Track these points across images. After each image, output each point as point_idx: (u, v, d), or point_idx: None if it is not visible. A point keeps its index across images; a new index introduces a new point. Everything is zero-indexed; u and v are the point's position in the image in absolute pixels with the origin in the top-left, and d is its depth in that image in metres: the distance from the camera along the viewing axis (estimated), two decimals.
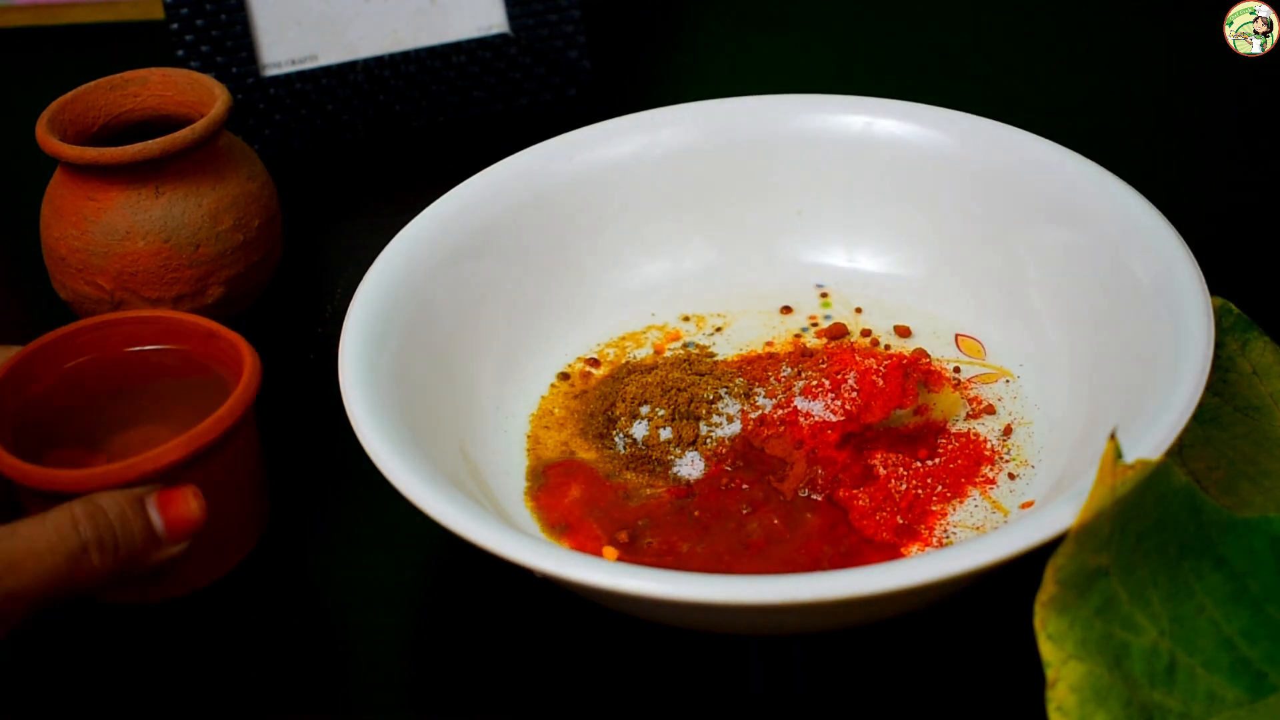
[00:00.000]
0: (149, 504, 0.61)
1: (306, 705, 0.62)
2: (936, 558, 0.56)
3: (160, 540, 0.61)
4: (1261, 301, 0.71)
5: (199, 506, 0.62)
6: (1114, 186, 0.70)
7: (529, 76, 0.94)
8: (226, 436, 0.63)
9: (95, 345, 0.68)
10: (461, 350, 0.71)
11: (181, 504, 0.61)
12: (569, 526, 0.66)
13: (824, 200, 0.77)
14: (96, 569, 0.59)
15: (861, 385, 0.69)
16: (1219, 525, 0.57)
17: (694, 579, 0.56)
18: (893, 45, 1.01)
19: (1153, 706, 0.54)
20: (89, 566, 0.59)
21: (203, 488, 0.62)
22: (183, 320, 0.68)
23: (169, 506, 0.61)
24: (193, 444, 0.62)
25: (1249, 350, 0.68)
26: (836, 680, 0.61)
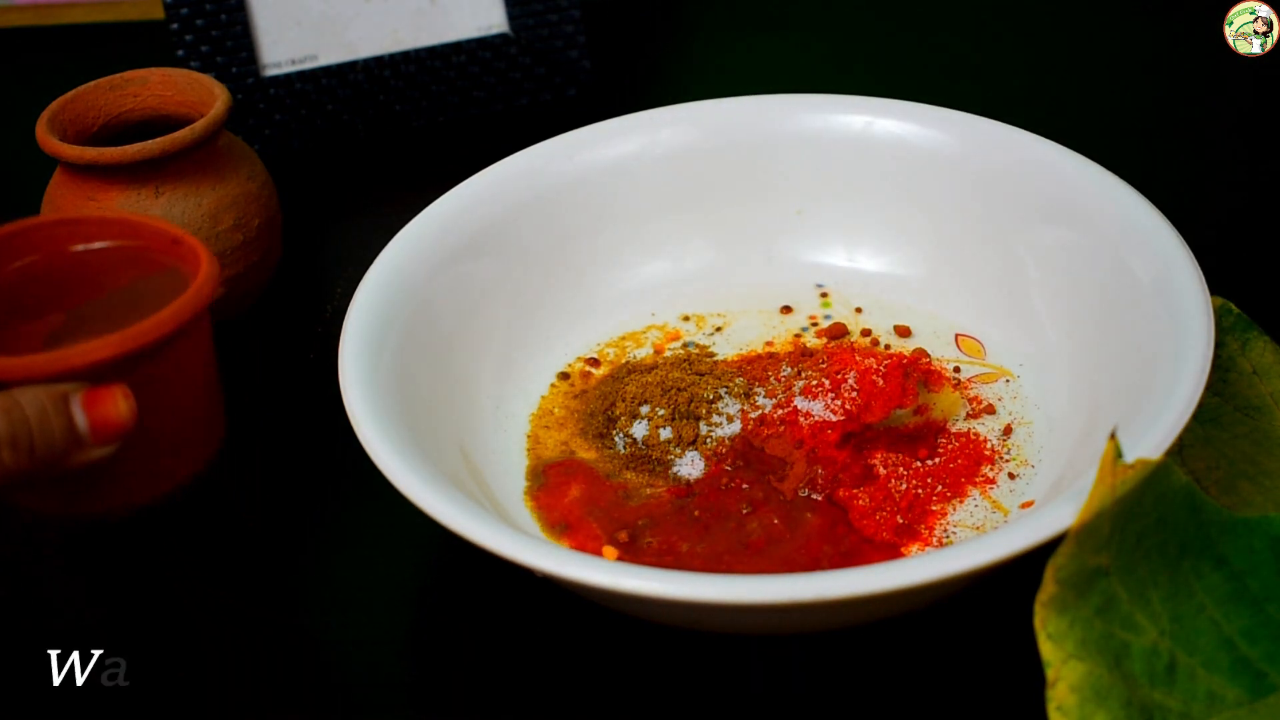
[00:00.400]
0: (73, 402, 0.58)
1: (306, 705, 0.62)
2: (936, 558, 0.56)
3: (83, 441, 0.58)
4: (1261, 301, 0.71)
5: (128, 408, 0.58)
6: (1114, 186, 0.70)
7: (529, 76, 0.94)
8: (167, 340, 0.60)
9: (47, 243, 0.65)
10: (461, 350, 0.71)
11: (109, 404, 0.58)
12: (569, 526, 0.66)
13: (824, 200, 0.77)
14: (8, 467, 0.56)
15: (861, 385, 0.69)
16: (1219, 525, 0.57)
17: (694, 579, 0.56)
18: (893, 45, 1.01)
19: (1153, 706, 0.54)
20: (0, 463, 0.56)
21: (142, 393, 0.59)
22: (145, 223, 0.65)
23: (95, 405, 0.58)
24: (126, 343, 0.59)
25: (1249, 350, 0.68)
26: (836, 680, 0.61)
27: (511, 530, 0.58)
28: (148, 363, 0.59)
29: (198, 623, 0.65)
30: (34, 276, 0.65)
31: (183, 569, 0.68)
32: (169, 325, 0.60)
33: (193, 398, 0.63)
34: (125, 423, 0.58)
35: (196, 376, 0.63)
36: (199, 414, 0.64)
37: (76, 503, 0.62)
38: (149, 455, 0.61)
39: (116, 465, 0.60)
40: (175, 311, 0.60)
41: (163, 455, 0.62)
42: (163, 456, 0.62)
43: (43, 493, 0.61)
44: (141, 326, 0.59)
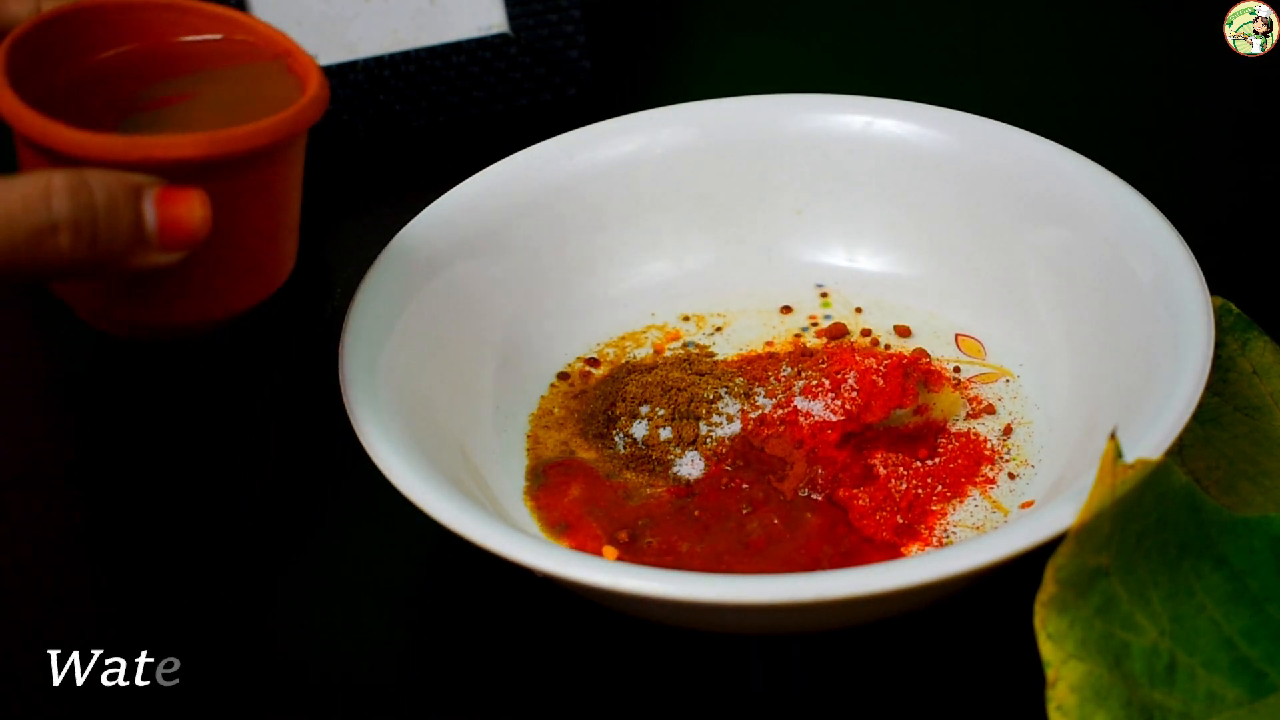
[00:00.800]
0: (146, 197, 0.53)
1: (306, 705, 0.62)
2: (936, 558, 0.56)
3: (148, 241, 0.53)
4: (1261, 301, 0.71)
5: (203, 217, 0.53)
6: (1114, 186, 0.70)
7: (529, 76, 0.94)
8: (259, 152, 0.55)
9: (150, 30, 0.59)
10: (461, 350, 0.71)
11: (183, 206, 0.53)
12: (569, 526, 0.66)
13: (824, 200, 0.77)
14: (64, 253, 0.52)
15: (861, 385, 0.69)
16: (1219, 525, 0.57)
17: (694, 579, 0.56)
18: (893, 45, 1.01)
19: (1153, 706, 0.54)
20: (54, 249, 0.51)
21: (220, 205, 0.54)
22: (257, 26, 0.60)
23: (168, 204, 0.53)
24: (216, 145, 0.54)
25: (1249, 350, 0.68)
26: (836, 680, 0.61)
27: (511, 530, 0.58)
28: (232, 172, 0.55)
29: (197, 622, 0.65)
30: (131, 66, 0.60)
31: (182, 568, 0.68)
32: (263, 138, 0.55)
33: (273, 222, 0.58)
34: (196, 230, 0.53)
35: (280, 200, 0.58)
36: (274, 240, 0.59)
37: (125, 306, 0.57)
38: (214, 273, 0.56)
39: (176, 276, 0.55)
40: (273, 124, 0.55)
41: (228, 276, 0.57)
42: (228, 277, 0.57)
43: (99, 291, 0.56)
44: (234, 131, 0.54)
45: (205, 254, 0.55)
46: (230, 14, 0.60)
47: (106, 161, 0.53)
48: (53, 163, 0.53)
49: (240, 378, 0.77)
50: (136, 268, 0.53)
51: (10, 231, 0.50)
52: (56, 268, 0.52)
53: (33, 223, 0.51)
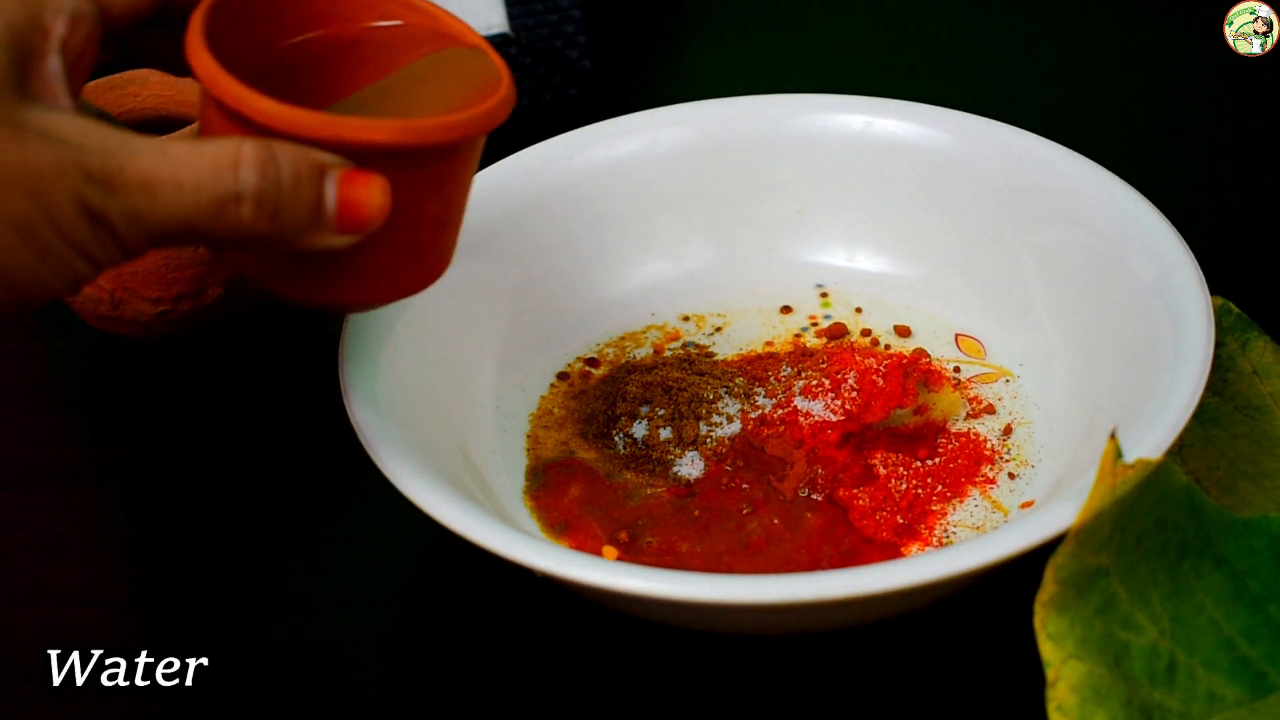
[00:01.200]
0: (330, 178, 0.52)
1: (306, 704, 0.62)
2: (936, 558, 0.56)
3: (325, 222, 0.53)
4: (1261, 301, 0.71)
5: (382, 204, 0.53)
6: (1114, 186, 0.70)
7: (529, 76, 0.94)
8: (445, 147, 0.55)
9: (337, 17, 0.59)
10: (461, 350, 0.71)
11: (365, 191, 0.53)
12: (569, 526, 0.66)
13: (824, 200, 0.77)
14: (245, 224, 0.51)
15: (861, 385, 0.69)
16: (1219, 525, 0.57)
17: (694, 579, 0.56)
18: (893, 45, 1.01)
19: (1153, 706, 0.54)
20: (235, 218, 0.51)
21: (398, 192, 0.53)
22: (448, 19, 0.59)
23: (350, 188, 0.53)
24: (406, 134, 0.53)
25: (1249, 350, 0.68)
26: (836, 680, 0.61)
27: (511, 530, 0.58)
28: (416, 163, 0.54)
29: (197, 622, 0.65)
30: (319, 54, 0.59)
31: (183, 568, 0.68)
32: (453, 132, 0.54)
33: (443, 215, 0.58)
34: (374, 217, 0.53)
35: (453, 195, 0.58)
36: (441, 234, 0.58)
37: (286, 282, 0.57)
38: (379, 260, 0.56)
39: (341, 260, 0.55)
40: (464, 120, 0.55)
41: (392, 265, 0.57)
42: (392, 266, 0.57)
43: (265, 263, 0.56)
44: (426, 122, 0.54)
45: (374, 241, 0.54)
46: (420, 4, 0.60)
47: (296, 136, 0.52)
48: (240, 130, 0.53)
49: (241, 378, 0.77)
50: (308, 247, 0.53)
51: (196, 196, 0.50)
52: (233, 237, 0.51)
53: (219, 190, 0.50)
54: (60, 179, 0.48)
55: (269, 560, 0.68)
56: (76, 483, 0.72)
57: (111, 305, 0.74)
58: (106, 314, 0.75)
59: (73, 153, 0.49)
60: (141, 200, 0.49)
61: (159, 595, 0.67)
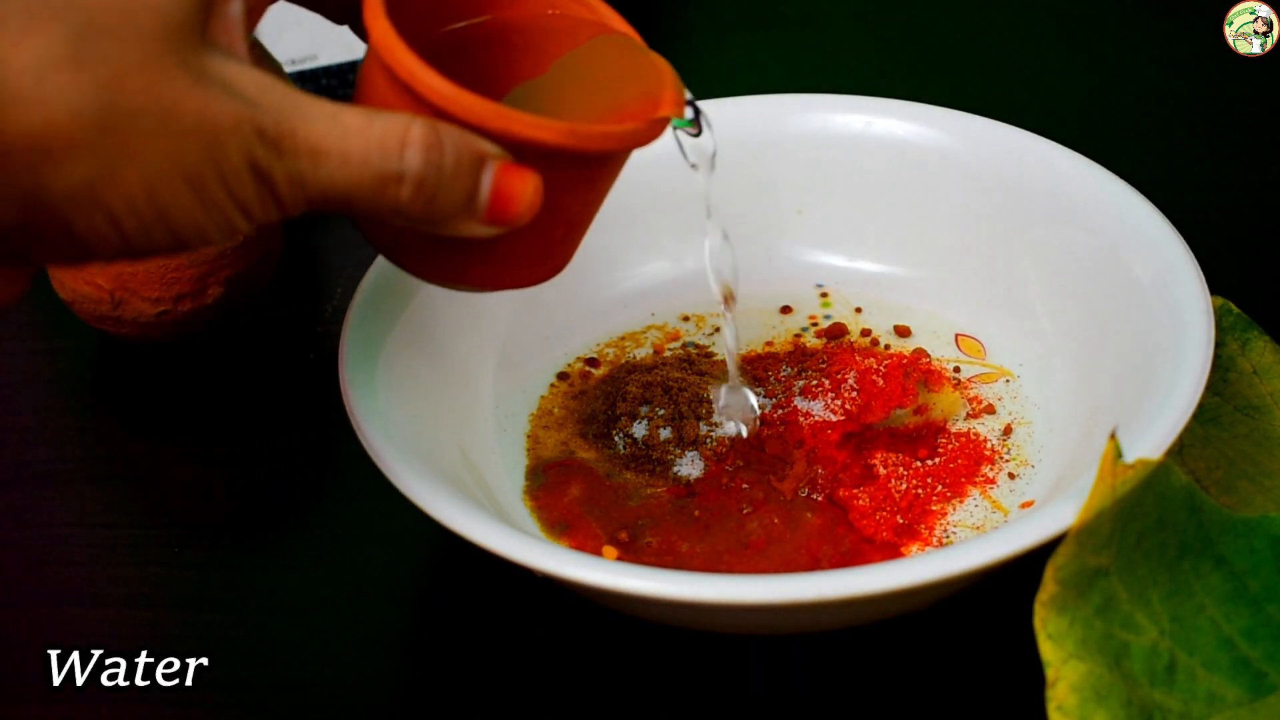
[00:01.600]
0: (488, 168, 0.52)
1: (306, 704, 0.62)
2: (936, 558, 0.56)
3: (475, 212, 0.53)
4: (1261, 301, 0.71)
5: (532, 202, 0.53)
6: (1114, 186, 0.70)
7: None
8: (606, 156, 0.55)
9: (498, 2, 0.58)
10: (461, 350, 0.71)
11: (519, 186, 0.52)
12: (569, 526, 0.66)
13: (824, 200, 0.77)
14: (400, 204, 0.51)
15: (861, 385, 0.69)
16: (1219, 525, 0.57)
17: (694, 579, 0.56)
18: (893, 45, 1.01)
19: (1153, 706, 0.54)
20: (394, 197, 0.51)
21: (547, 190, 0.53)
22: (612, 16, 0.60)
23: (506, 181, 0.52)
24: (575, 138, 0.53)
25: (1249, 350, 0.68)
26: (836, 680, 0.61)
27: (511, 530, 0.58)
28: (570, 165, 0.54)
29: (197, 622, 0.65)
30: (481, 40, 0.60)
31: (183, 568, 0.68)
32: (615, 142, 0.55)
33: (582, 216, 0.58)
34: (524, 213, 0.53)
35: (595, 198, 0.58)
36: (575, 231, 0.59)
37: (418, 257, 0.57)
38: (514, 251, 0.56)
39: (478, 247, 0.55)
40: (626, 133, 0.55)
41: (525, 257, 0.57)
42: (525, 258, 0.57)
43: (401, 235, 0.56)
44: (594, 129, 0.54)
45: (516, 233, 0.54)
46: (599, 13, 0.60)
47: (464, 121, 0.52)
48: (406, 103, 0.52)
49: (241, 378, 0.77)
50: (454, 233, 0.53)
51: (361, 170, 0.50)
52: (388, 214, 0.51)
53: (384, 168, 0.50)
54: (235, 134, 0.48)
55: (269, 560, 0.68)
56: (76, 483, 0.72)
57: (111, 305, 0.74)
58: (106, 314, 0.75)
59: (250, 109, 0.48)
60: (308, 166, 0.49)
61: (159, 595, 0.67)
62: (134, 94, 0.47)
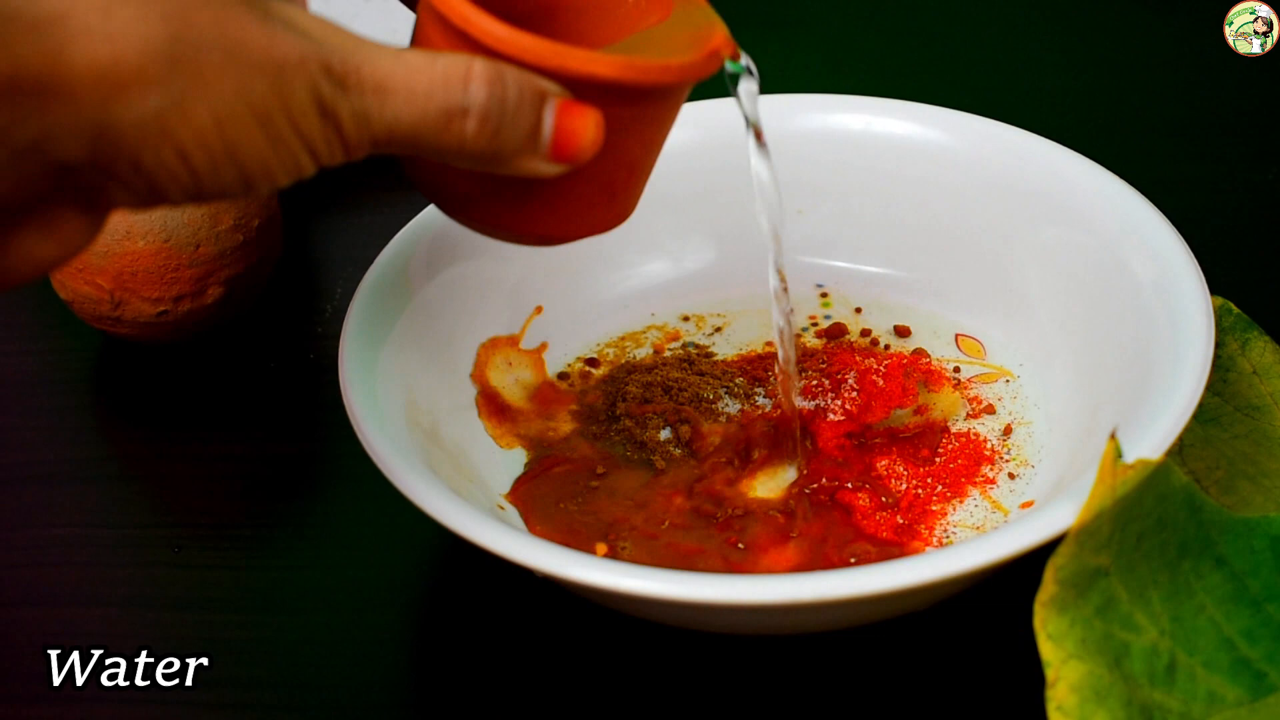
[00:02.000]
0: (549, 104, 0.53)
1: (306, 705, 0.62)
2: (936, 558, 0.56)
3: (540, 148, 0.53)
4: (1261, 301, 0.71)
5: (595, 137, 0.54)
6: (1114, 186, 0.70)
7: None
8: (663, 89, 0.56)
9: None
10: (461, 350, 0.71)
11: (581, 122, 0.53)
12: (563, 525, 0.66)
13: (824, 200, 0.77)
14: (466, 139, 0.51)
15: (861, 385, 0.69)
16: (1219, 525, 0.57)
17: (694, 579, 0.56)
18: (892, 45, 1.01)
19: (1153, 706, 0.54)
20: (459, 132, 0.51)
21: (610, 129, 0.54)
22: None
23: (568, 117, 0.53)
24: (627, 70, 0.54)
25: (1249, 350, 0.68)
26: (836, 680, 0.61)
27: (511, 530, 0.58)
28: (630, 102, 0.55)
29: (197, 622, 0.65)
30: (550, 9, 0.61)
31: (183, 568, 0.68)
32: (671, 75, 0.55)
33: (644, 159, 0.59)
34: (586, 149, 0.54)
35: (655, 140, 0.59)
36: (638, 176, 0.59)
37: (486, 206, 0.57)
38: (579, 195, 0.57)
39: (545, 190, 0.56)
40: (682, 65, 0.56)
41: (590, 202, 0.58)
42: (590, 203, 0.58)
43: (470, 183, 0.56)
44: (648, 62, 0.55)
45: (577, 175, 0.55)
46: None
47: (521, 61, 0.53)
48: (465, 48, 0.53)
49: (241, 378, 0.77)
50: (519, 171, 0.54)
51: (426, 104, 0.50)
52: (453, 151, 0.52)
53: (449, 102, 0.51)
54: (301, 70, 0.48)
55: (269, 560, 0.68)
56: (76, 483, 0.72)
57: (111, 305, 0.74)
58: (106, 314, 0.75)
59: (315, 47, 0.49)
60: (374, 102, 0.49)
61: (159, 595, 0.67)
62: (201, 27, 0.47)
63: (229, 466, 0.72)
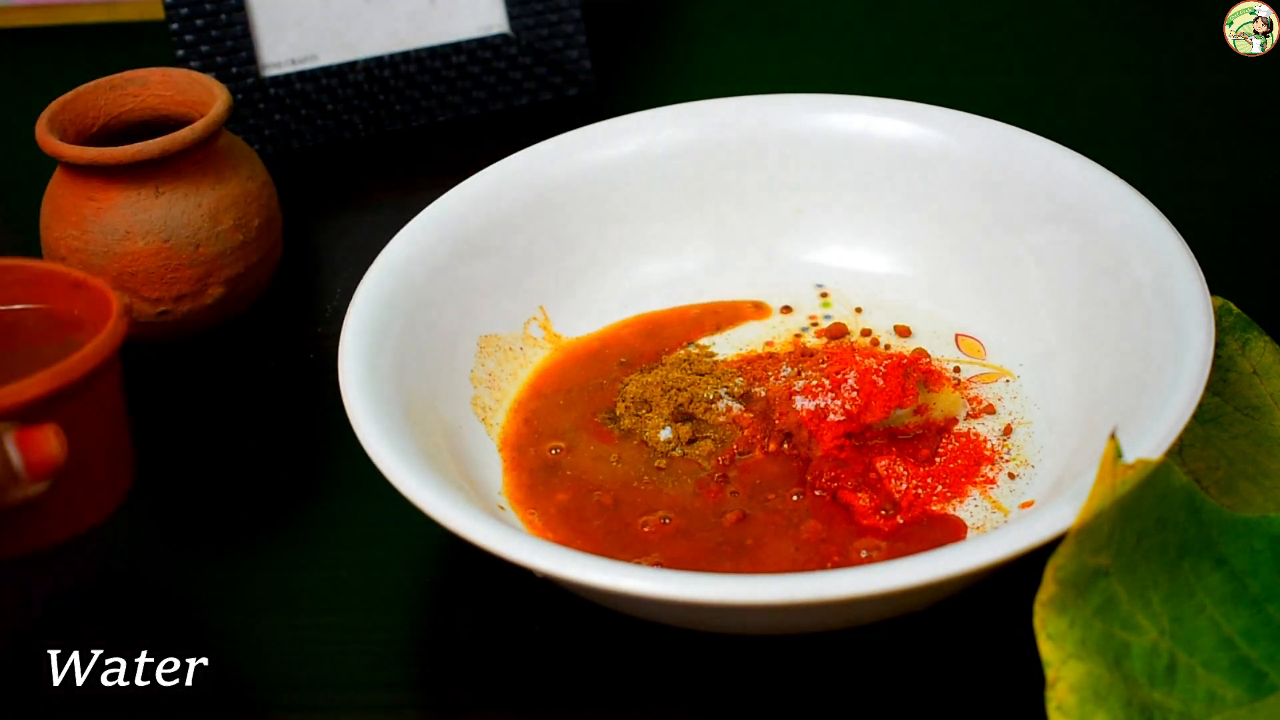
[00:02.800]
0: (6, 440, 0.58)
1: (307, 705, 0.62)
2: (936, 558, 0.56)
3: (18, 478, 0.58)
4: (1261, 301, 0.71)
5: (60, 445, 0.59)
6: (1114, 186, 0.70)
7: (529, 76, 0.94)
8: (91, 377, 0.60)
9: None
10: (462, 350, 0.71)
11: (42, 441, 0.58)
12: (562, 525, 0.66)
13: (824, 200, 0.77)
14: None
15: (861, 385, 0.68)
16: (1219, 525, 0.57)
17: (694, 579, 0.56)
18: (893, 45, 1.01)
19: (1153, 706, 0.54)
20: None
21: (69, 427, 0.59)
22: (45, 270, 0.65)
23: (29, 443, 0.58)
24: (56, 379, 0.59)
25: (1249, 350, 0.68)
26: (836, 680, 0.61)
27: (511, 530, 0.58)
28: (73, 398, 0.60)
29: (198, 623, 0.65)
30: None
31: (182, 568, 0.68)
32: (93, 360, 0.61)
33: (112, 435, 0.64)
34: (57, 459, 0.59)
35: (114, 414, 0.64)
36: (116, 453, 0.64)
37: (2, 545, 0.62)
38: (68, 493, 0.61)
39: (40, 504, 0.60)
40: (97, 347, 0.61)
41: (81, 494, 0.63)
42: (81, 495, 0.63)
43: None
44: (68, 363, 0.60)
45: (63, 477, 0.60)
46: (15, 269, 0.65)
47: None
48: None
49: (241, 378, 0.77)
50: (12, 503, 0.58)
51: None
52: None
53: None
54: None
55: (269, 560, 0.68)
56: None
57: None
58: None
59: None
60: None
61: (159, 595, 0.67)
62: None
63: (229, 466, 0.72)
